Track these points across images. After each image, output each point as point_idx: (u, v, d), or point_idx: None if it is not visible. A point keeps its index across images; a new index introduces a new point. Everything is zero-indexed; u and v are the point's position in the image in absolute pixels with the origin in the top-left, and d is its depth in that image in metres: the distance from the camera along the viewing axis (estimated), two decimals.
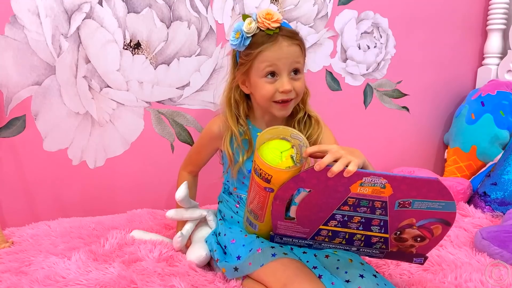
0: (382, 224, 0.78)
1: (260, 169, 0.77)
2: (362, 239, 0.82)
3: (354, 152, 0.73)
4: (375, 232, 0.80)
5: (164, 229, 1.18)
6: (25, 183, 1.28)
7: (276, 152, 0.79)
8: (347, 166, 0.69)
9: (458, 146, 1.70)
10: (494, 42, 1.78)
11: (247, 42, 0.94)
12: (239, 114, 1.02)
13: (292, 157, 0.78)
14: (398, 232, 0.79)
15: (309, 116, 1.04)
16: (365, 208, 0.75)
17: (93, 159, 1.35)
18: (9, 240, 1.09)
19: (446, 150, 1.79)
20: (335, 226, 0.79)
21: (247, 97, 1.04)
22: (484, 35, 1.83)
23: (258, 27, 0.93)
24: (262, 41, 0.93)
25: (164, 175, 1.43)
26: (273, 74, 0.94)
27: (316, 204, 0.76)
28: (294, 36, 0.95)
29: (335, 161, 0.70)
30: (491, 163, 1.58)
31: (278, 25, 0.93)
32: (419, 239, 0.80)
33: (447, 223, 0.76)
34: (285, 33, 0.94)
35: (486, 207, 1.36)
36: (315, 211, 0.77)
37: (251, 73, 0.96)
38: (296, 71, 0.95)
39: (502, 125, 1.62)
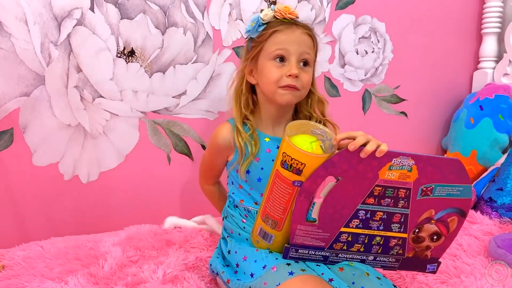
0: (402, 220, 0.79)
1: (292, 159, 0.75)
2: (381, 242, 0.82)
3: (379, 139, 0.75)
4: (395, 231, 0.81)
5: (166, 245, 1.12)
6: (14, 201, 1.20)
7: (306, 143, 0.78)
8: (378, 146, 0.72)
9: (458, 150, 1.68)
10: (489, 46, 1.78)
11: (261, 28, 0.94)
12: (247, 105, 0.99)
13: (321, 147, 0.78)
14: (417, 230, 0.81)
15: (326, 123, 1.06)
16: (389, 200, 0.76)
17: (86, 173, 1.28)
18: None
19: (445, 155, 1.78)
20: (356, 226, 0.79)
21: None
22: (479, 39, 1.83)
23: (274, 16, 0.94)
24: (276, 25, 0.93)
25: (161, 188, 1.37)
26: (282, 59, 0.92)
27: (342, 197, 0.76)
28: (307, 27, 0.96)
29: (365, 144, 0.72)
30: (493, 167, 1.56)
31: (293, 17, 0.94)
32: (435, 237, 0.82)
33: (463, 214, 0.79)
34: (299, 23, 0.95)
35: (493, 213, 1.33)
36: (339, 208, 0.78)
37: (260, 56, 0.95)
38: (306, 63, 0.93)
39: (502, 129, 1.61)
